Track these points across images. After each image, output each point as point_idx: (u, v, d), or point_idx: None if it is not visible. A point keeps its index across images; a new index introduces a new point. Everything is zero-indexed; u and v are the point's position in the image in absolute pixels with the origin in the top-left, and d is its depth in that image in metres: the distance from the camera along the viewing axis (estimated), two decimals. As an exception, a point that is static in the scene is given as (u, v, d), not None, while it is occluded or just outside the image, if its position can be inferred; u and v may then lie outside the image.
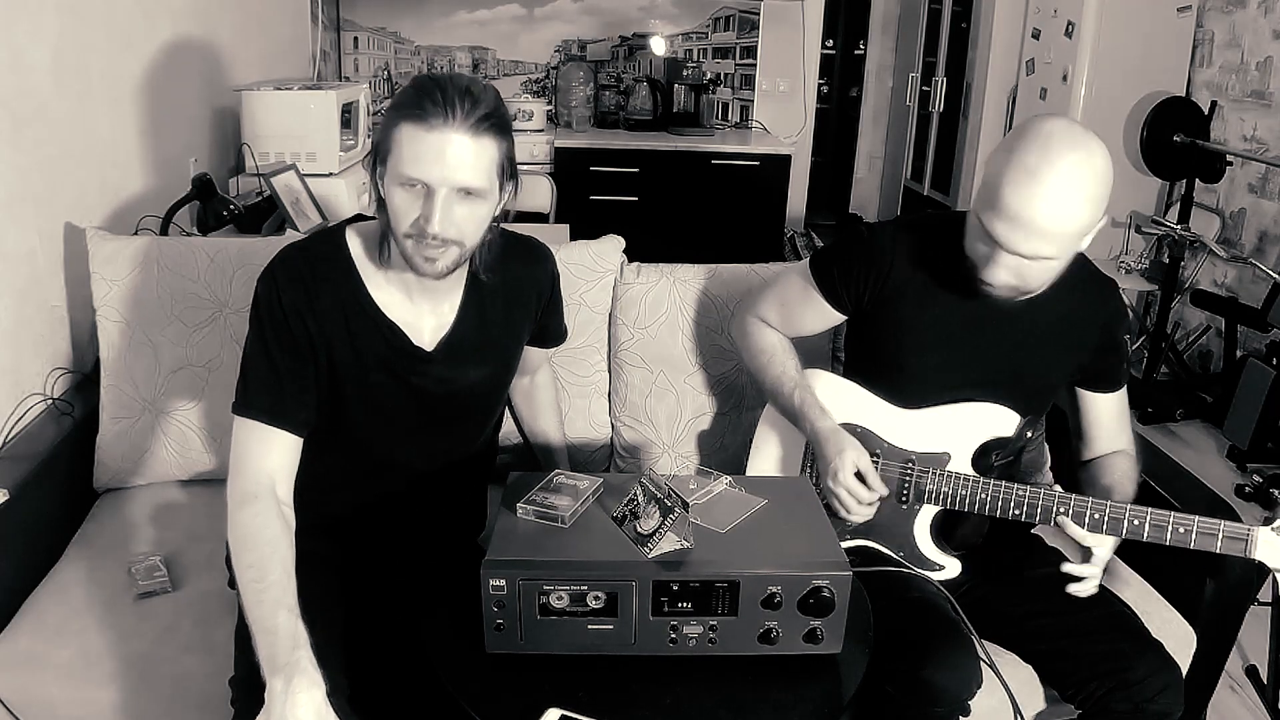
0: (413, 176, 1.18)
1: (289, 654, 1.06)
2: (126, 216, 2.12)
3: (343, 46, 4.41)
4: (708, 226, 4.20)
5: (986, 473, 1.47)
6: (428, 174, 1.18)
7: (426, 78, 1.21)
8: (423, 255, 1.23)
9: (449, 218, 1.20)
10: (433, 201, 1.19)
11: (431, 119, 1.16)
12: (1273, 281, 3.19)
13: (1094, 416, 1.59)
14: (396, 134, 1.18)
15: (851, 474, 1.43)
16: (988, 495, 1.44)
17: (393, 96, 1.25)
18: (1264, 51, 3.59)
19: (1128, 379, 1.61)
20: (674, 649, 1.16)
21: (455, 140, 1.17)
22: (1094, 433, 1.60)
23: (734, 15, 4.64)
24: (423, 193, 1.19)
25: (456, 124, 1.16)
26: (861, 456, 1.45)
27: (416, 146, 1.17)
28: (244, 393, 1.27)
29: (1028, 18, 4.31)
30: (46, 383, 1.78)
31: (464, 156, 1.18)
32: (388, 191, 1.22)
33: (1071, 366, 1.53)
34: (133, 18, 2.19)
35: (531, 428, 1.73)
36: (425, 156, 1.17)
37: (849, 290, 1.53)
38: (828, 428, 1.48)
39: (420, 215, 1.19)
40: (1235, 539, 1.33)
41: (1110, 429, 1.59)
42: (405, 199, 1.20)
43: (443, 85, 1.17)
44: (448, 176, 1.18)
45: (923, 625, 1.36)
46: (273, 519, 1.20)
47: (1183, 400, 3.55)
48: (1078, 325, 1.49)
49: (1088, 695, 1.37)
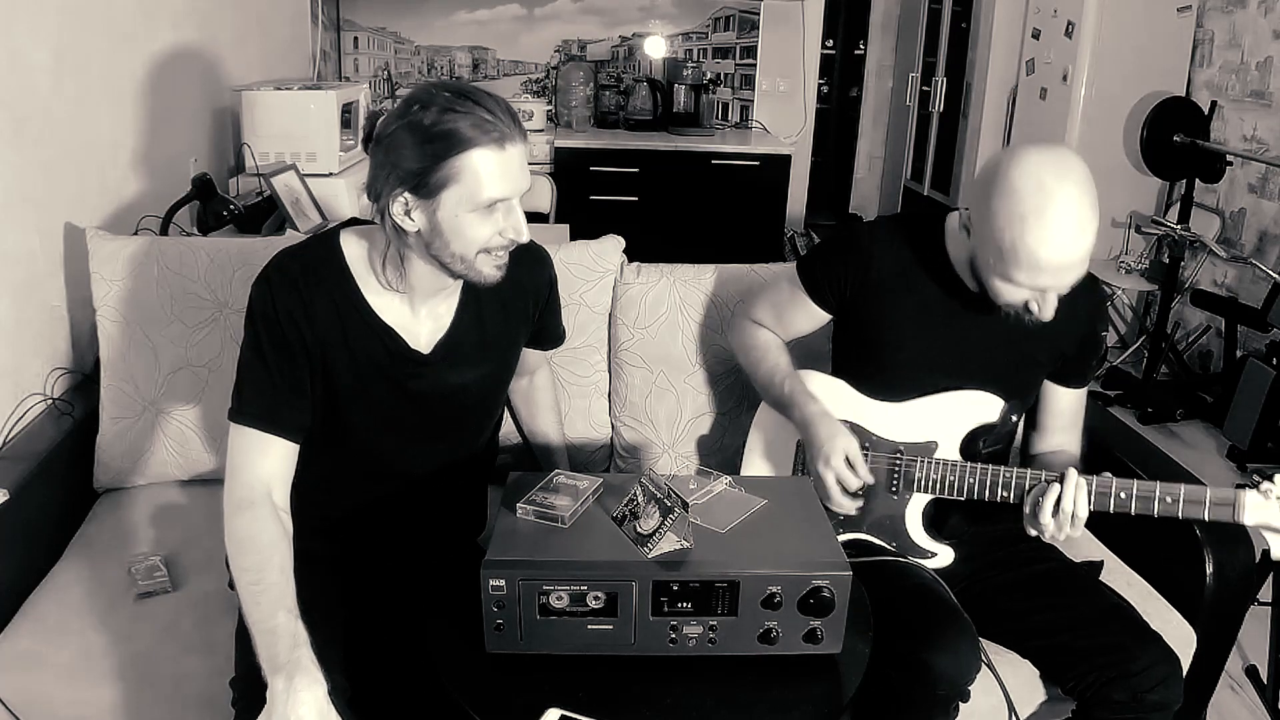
0: (497, 197, 1.19)
1: (289, 653, 1.06)
2: (126, 216, 2.12)
3: (343, 46, 4.41)
4: (708, 226, 4.20)
5: (974, 460, 1.48)
6: (512, 190, 1.20)
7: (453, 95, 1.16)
8: (495, 266, 1.25)
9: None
10: (515, 213, 1.22)
11: (503, 140, 1.16)
12: (1273, 281, 3.19)
13: (1052, 408, 1.60)
14: (461, 163, 1.15)
15: (842, 459, 1.44)
16: (975, 479, 1.46)
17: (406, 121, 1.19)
18: (1264, 51, 3.59)
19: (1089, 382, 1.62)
20: (674, 649, 1.16)
21: (520, 150, 1.20)
22: (1049, 423, 1.61)
23: (734, 15, 4.64)
24: (502, 208, 1.21)
25: (515, 134, 1.18)
26: (851, 443, 1.46)
27: (493, 168, 1.16)
28: (239, 399, 1.27)
29: (1028, 18, 4.31)
30: (46, 383, 1.78)
31: (524, 161, 1.21)
32: (451, 220, 1.19)
33: (1054, 355, 1.54)
34: (133, 18, 2.19)
35: (531, 428, 1.73)
36: (505, 174, 1.18)
37: (831, 286, 1.55)
38: (817, 412, 1.49)
39: (504, 229, 1.22)
40: (1223, 505, 1.34)
41: (1064, 423, 1.60)
42: (482, 220, 1.20)
43: (482, 100, 1.16)
44: (521, 186, 1.21)
45: (921, 610, 1.37)
46: (270, 524, 1.20)
47: (1183, 400, 3.55)
48: (1060, 318, 1.49)
49: (1087, 686, 1.38)
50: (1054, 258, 1.26)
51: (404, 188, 1.17)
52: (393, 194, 1.18)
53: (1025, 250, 1.27)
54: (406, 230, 1.21)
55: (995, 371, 1.50)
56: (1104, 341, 1.63)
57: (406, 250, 1.26)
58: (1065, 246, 1.26)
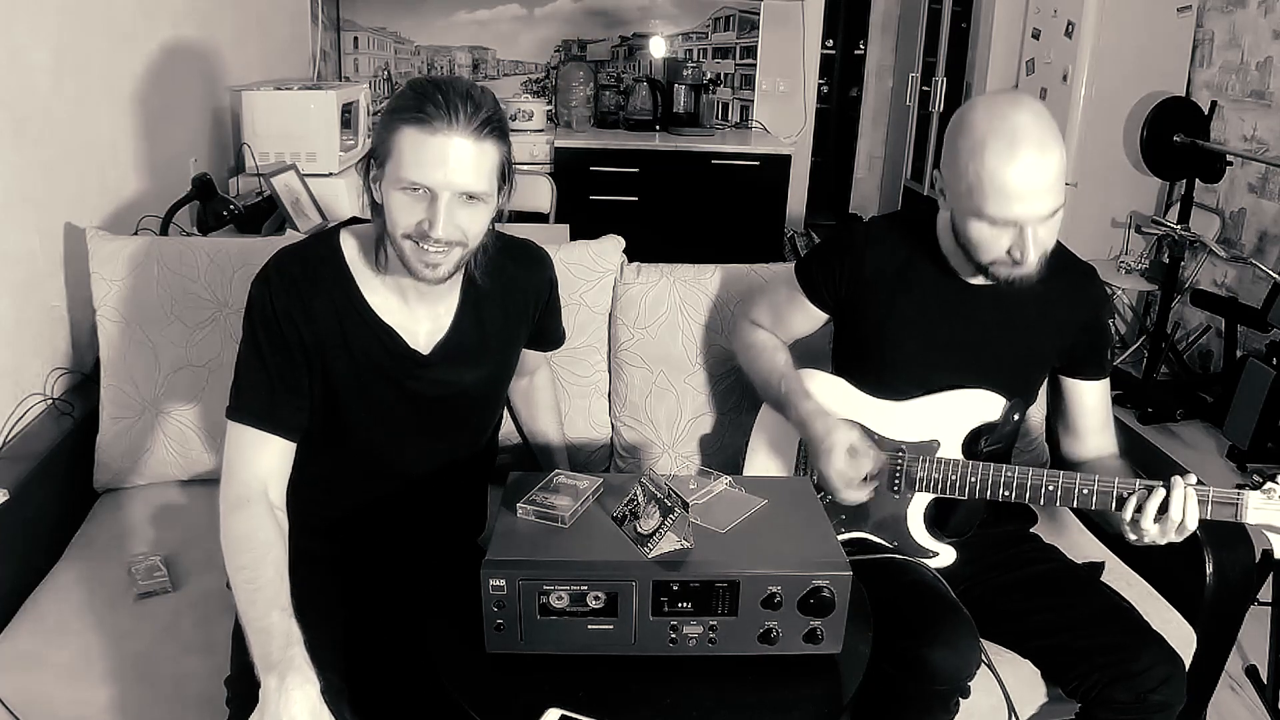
0: (415, 181, 1.17)
1: (283, 652, 1.06)
2: (126, 216, 2.12)
3: (343, 46, 4.41)
4: (708, 226, 4.20)
5: (976, 459, 1.48)
6: (431, 178, 1.17)
7: (425, 80, 1.20)
8: (423, 261, 1.22)
9: (452, 222, 1.19)
10: (436, 206, 1.18)
11: (435, 122, 1.15)
12: (1273, 281, 3.19)
13: (1080, 407, 1.58)
14: (397, 138, 1.17)
15: (843, 452, 1.43)
16: (977, 478, 1.45)
17: (391, 98, 1.23)
18: (1264, 51, 3.59)
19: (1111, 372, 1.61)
20: (674, 649, 1.16)
21: (458, 144, 1.16)
22: (1081, 424, 1.59)
23: (734, 15, 4.64)
24: (425, 197, 1.18)
25: (460, 128, 1.16)
26: (850, 433, 1.44)
27: (419, 151, 1.16)
28: (237, 397, 1.27)
29: (1028, 18, 4.31)
30: (46, 383, 1.78)
31: (466, 161, 1.17)
32: (386, 196, 1.21)
33: (1054, 349, 1.53)
34: (133, 18, 2.19)
35: (531, 428, 1.73)
36: (428, 161, 1.16)
37: (828, 286, 1.56)
38: (812, 409, 1.48)
39: (423, 220, 1.19)
40: (1225, 504, 1.33)
41: (1097, 422, 1.59)
42: (406, 203, 1.19)
43: (443, 88, 1.17)
44: (451, 181, 1.17)
45: (920, 606, 1.37)
46: (265, 522, 1.20)
47: (1183, 400, 3.55)
48: (1059, 307, 1.50)
49: (1090, 687, 1.38)
50: (1019, 179, 1.27)
51: (373, 160, 1.23)
52: (368, 170, 1.24)
53: (988, 175, 1.28)
54: (377, 204, 1.24)
55: (995, 366, 1.50)
56: (1109, 330, 1.61)
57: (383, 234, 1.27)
58: (1028, 166, 1.26)
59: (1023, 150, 1.26)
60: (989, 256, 1.35)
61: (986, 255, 1.35)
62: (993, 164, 1.27)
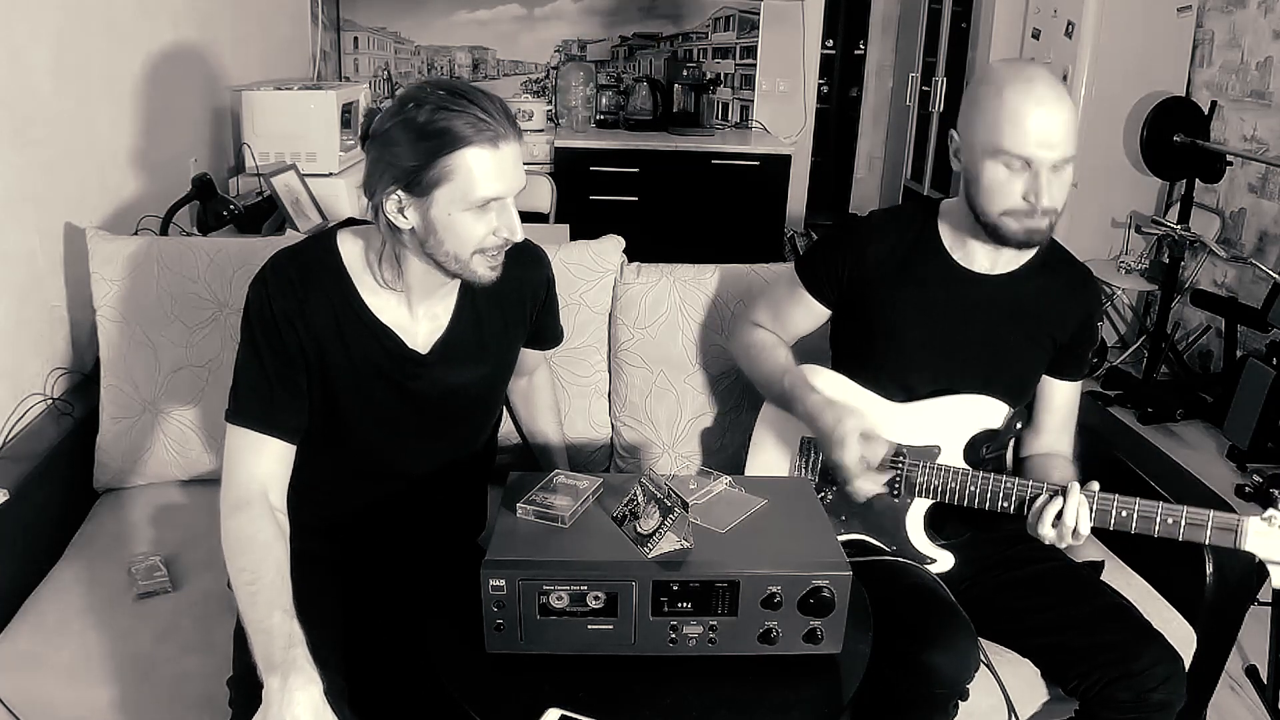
0: (492, 196, 1.19)
1: (284, 652, 1.06)
2: (126, 216, 2.12)
3: (343, 46, 4.41)
4: (708, 226, 4.20)
5: (977, 466, 1.48)
6: (505, 189, 1.19)
7: (446, 94, 1.16)
8: (490, 265, 1.25)
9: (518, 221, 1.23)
10: (509, 212, 1.22)
11: (497, 139, 1.16)
12: (1273, 281, 3.19)
13: (1046, 403, 1.59)
14: (454, 162, 1.15)
15: (856, 440, 1.41)
16: (977, 487, 1.45)
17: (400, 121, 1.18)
18: (1264, 51, 3.59)
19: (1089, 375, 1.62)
20: (674, 649, 1.16)
21: (514, 149, 1.19)
22: (1043, 420, 1.60)
23: (734, 15, 4.64)
24: (495, 207, 1.20)
25: (510, 133, 1.18)
26: (861, 420, 1.42)
27: (487, 167, 1.17)
28: (235, 400, 1.27)
29: (1028, 18, 4.30)
30: (46, 383, 1.78)
31: (519, 161, 1.21)
32: (446, 219, 1.19)
33: (1050, 347, 1.54)
34: (133, 18, 2.19)
35: (530, 428, 1.73)
36: (498, 174, 1.18)
37: (829, 279, 1.56)
38: (819, 401, 1.47)
39: (498, 228, 1.21)
40: (1225, 529, 1.33)
41: (1058, 421, 1.60)
42: (475, 218, 1.20)
43: (476, 99, 1.16)
44: (515, 185, 1.21)
45: (919, 609, 1.37)
46: (266, 524, 1.20)
47: (1183, 400, 3.55)
48: (1056, 304, 1.51)
49: (1090, 686, 1.38)
50: (1036, 113, 1.32)
51: (397, 185, 1.18)
52: (386, 191, 1.19)
53: (1008, 111, 1.34)
54: (400, 228, 1.22)
55: (995, 360, 1.50)
56: (1099, 334, 1.64)
57: (402, 249, 1.26)
58: (1045, 103, 1.33)
59: (1040, 88, 1.33)
60: (1003, 204, 1.36)
61: (1001, 203, 1.36)
62: (1012, 101, 1.33)
